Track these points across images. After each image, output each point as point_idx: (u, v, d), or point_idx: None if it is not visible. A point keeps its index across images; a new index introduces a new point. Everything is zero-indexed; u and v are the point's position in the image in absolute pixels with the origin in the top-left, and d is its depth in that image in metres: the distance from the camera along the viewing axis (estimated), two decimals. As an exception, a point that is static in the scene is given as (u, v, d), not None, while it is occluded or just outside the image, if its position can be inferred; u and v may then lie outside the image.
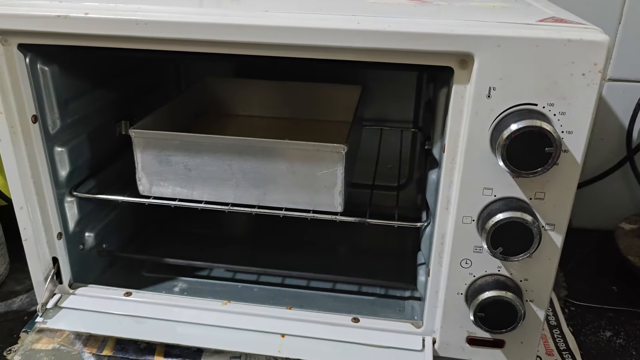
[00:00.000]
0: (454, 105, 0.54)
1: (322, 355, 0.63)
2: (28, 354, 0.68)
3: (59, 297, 0.70)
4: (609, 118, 0.92)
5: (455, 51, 0.51)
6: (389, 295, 0.71)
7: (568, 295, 0.82)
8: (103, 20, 0.54)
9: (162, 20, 0.53)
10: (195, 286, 0.75)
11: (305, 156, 0.64)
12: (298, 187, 0.65)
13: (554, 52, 0.49)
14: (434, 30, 0.50)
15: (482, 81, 0.51)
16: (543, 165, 0.51)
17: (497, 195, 0.56)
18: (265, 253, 0.79)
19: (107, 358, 0.68)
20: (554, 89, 0.50)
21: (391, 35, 0.51)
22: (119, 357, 0.68)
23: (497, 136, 0.51)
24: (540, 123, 0.49)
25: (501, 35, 0.49)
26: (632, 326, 0.76)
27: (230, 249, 0.80)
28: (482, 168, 0.55)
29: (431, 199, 0.63)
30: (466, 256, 0.59)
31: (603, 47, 0.48)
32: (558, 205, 0.55)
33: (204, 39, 0.53)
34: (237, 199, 0.67)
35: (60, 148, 0.66)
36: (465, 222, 0.58)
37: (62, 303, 0.70)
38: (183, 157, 0.65)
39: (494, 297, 0.58)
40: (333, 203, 0.66)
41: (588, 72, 0.49)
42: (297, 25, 0.52)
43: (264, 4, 0.58)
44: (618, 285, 0.84)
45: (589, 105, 0.51)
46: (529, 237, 0.54)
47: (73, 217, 0.70)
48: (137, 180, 0.68)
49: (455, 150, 0.56)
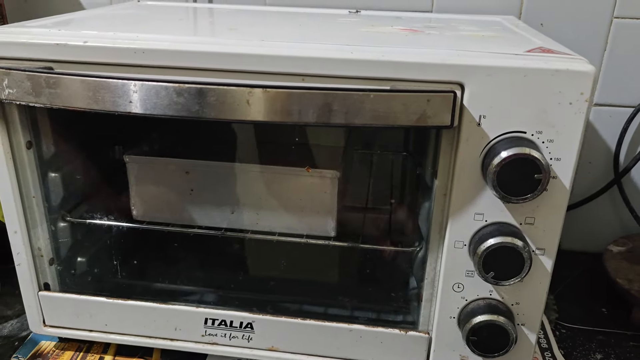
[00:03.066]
0: (446, 133, 0.55)
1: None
2: (18, 380, 0.68)
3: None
4: (596, 142, 0.94)
5: (446, 80, 0.52)
6: (383, 321, 0.72)
7: (559, 317, 0.82)
8: (102, 49, 0.55)
9: (161, 48, 0.54)
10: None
11: (299, 181, 0.64)
12: (292, 212, 0.66)
13: (542, 81, 0.50)
14: (426, 60, 0.52)
15: (473, 109, 0.52)
16: (533, 192, 0.52)
17: (488, 220, 0.57)
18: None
19: (99, 384, 0.68)
20: (542, 117, 0.52)
21: (385, 64, 0.52)
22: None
23: (488, 163, 0.52)
24: (529, 150, 0.51)
25: (491, 65, 0.51)
26: (621, 348, 0.77)
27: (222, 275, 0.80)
28: (473, 194, 0.56)
29: (423, 223, 0.64)
30: (458, 280, 0.60)
31: (589, 77, 0.50)
32: (548, 230, 0.56)
33: (201, 67, 0.54)
34: (231, 223, 0.68)
35: (54, 174, 0.67)
36: (457, 247, 0.58)
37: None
38: (177, 182, 0.66)
39: (486, 321, 0.58)
40: (326, 228, 0.67)
41: (575, 101, 0.51)
42: (293, 55, 0.53)
43: (261, 33, 0.59)
44: (607, 307, 0.85)
45: (576, 133, 0.52)
46: (520, 262, 0.55)
47: (66, 242, 0.70)
48: (130, 205, 0.69)
49: (446, 176, 0.57)
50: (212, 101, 0.50)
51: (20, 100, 0.54)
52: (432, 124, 0.51)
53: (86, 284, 0.74)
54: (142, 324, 0.69)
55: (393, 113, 0.50)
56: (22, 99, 0.54)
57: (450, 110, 0.51)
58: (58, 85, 0.52)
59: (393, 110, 0.50)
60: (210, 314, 0.67)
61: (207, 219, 0.67)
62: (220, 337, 0.68)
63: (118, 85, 0.51)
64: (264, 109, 0.50)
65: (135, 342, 0.70)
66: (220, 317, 0.67)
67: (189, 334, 0.68)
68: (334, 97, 0.50)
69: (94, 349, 0.73)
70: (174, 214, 0.68)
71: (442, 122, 0.51)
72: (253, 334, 0.67)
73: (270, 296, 0.71)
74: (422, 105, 0.50)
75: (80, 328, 0.71)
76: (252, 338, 0.67)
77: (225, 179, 0.65)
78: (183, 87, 0.50)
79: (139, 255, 0.75)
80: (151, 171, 0.66)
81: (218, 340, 0.68)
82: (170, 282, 0.74)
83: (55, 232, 0.69)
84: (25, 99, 0.54)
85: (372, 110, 0.50)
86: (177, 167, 0.65)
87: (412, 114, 0.50)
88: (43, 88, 0.53)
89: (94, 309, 0.69)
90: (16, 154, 0.62)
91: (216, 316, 0.67)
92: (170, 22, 0.67)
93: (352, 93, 0.50)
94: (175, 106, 0.50)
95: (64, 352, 0.73)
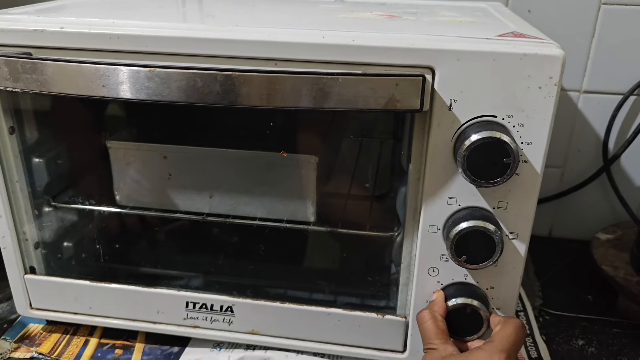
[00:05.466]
0: (418, 117, 0.55)
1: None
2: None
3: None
4: (585, 130, 0.93)
5: (416, 64, 0.52)
6: (361, 306, 0.72)
7: (543, 304, 0.83)
8: (78, 34, 0.56)
9: (135, 34, 0.55)
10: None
11: (277, 166, 0.65)
12: (271, 197, 0.67)
13: (510, 65, 0.50)
14: (395, 45, 0.52)
15: (444, 93, 0.53)
16: (502, 175, 0.52)
17: (462, 204, 0.57)
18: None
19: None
20: (512, 101, 0.52)
21: (354, 49, 0.52)
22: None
23: (459, 147, 0.53)
24: (499, 134, 0.51)
25: (460, 50, 0.51)
26: (604, 335, 0.77)
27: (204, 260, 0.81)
28: (446, 178, 0.56)
29: (400, 209, 0.64)
30: (433, 265, 0.60)
31: (558, 61, 0.50)
32: (520, 214, 0.56)
33: (174, 52, 0.55)
34: (212, 208, 0.68)
35: (38, 159, 0.68)
36: (431, 231, 0.59)
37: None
38: (159, 167, 0.67)
39: (460, 304, 0.59)
40: (306, 213, 0.67)
41: (544, 85, 0.51)
42: (264, 40, 0.53)
43: (236, 19, 0.59)
44: (593, 294, 0.85)
45: (546, 117, 0.52)
46: (492, 246, 0.55)
47: (51, 227, 0.72)
48: (114, 190, 0.70)
49: (420, 160, 0.57)
50: (182, 85, 0.50)
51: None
52: (401, 107, 0.51)
53: (71, 268, 0.76)
54: (126, 307, 0.70)
55: (362, 97, 0.50)
56: (1, 84, 0.55)
57: (420, 94, 0.51)
58: (34, 70, 0.53)
59: (362, 94, 0.50)
60: (191, 297, 0.68)
61: (188, 204, 0.68)
62: (201, 320, 0.69)
63: (92, 70, 0.52)
64: (234, 93, 0.50)
65: (118, 325, 0.71)
66: (201, 301, 0.68)
67: (171, 317, 0.70)
68: (303, 81, 0.50)
69: (80, 331, 0.74)
70: (155, 198, 0.69)
71: (411, 106, 0.52)
72: (233, 317, 0.68)
73: (250, 280, 0.72)
74: (391, 89, 0.50)
75: (65, 311, 0.72)
76: (233, 322, 0.68)
77: (203, 163, 0.65)
78: (153, 71, 0.50)
79: (123, 240, 0.76)
80: (132, 156, 0.67)
81: (199, 323, 0.69)
82: (152, 266, 0.76)
83: (40, 217, 0.70)
84: (3, 84, 0.55)
85: (340, 94, 0.50)
86: (155, 152, 0.66)
87: (380, 97, 0.50)
88: (20, 73, 0.54)
89: (78, 292, 0.70)
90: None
91: (197, 299, 0.68)
92: (150, 8, 0.68)
93: (321, 77, 0.50)
94: (146, 90, 0.51)
95: (50, 334, 0.74)
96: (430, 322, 0.58)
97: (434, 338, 0.56)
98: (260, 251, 0.72)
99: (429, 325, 0.57)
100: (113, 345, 0.72)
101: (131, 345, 0.72)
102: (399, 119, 0.64)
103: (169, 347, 0.71)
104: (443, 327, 0.57)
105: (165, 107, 0.53)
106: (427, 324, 0.57)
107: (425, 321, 0.58)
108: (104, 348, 0.72)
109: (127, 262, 0.77)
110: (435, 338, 0.56)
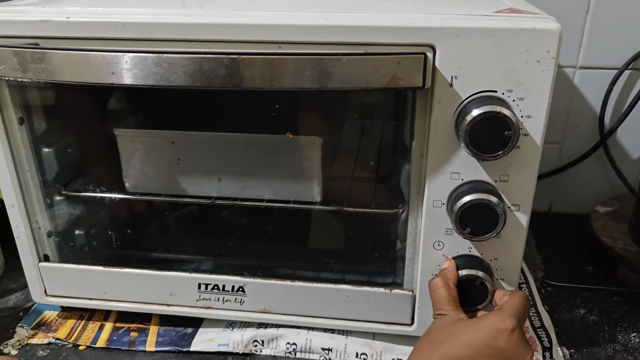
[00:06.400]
0: (420, 95, 0.57)
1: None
2: (24, 347, 0.71)
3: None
4: (582, 105, 0.95)
5: (417, 43, 0.53)
6: (369, 282, 0.74)
7: (545, 276, 0.85)
8: (84, 23, 0.57)
9: (140, 21, 0.56)
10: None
11: (283, 148, 0.67)
12: (277, 179, 0.68)
13: (508, 41, 0.52)
14: (396, 24, 0.53)
15: (444, 70, 0.54)
16: (504, 148, 0.53)
17: (464, 179, 0.59)
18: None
19: (101, 350, 0.71)
20: (511, 76, 0.53)
21: (357, 29, 0.54)
22: (112, 349, 0.71)
23: (461, 122, 0.54)
24: (499, 108, 0.52)
25: (459, 27, 0.52)
26: (605, 304, 0.79)
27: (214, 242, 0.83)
28: (448, 154, 0.58)
29: (404, 186, 0.66)
30: (438, 238, 0.62)
31: (555, 35, 0.51)
32: (521, 186, 0.58)
33: (179, 38, 0.56)
34: (220, 192, 0.70)
35: (47, 149, 0.69)
36: (435, 206, 0.60)
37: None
38: (168, 153, 0.68)
39: (466, 276, 0.61)
40: (312, 193, 0.69)
41: (542, 59, 0.52)
42: (268, 23, 0.55)
43: (237, 4, 0.60)
44: (593, 265, 0.87)
45: (545, 91, 0.54)
46: (495, 218, 0.57)
47: (63, 215, 0.73)
48: (123, 177, 0.71)
49: (423, 137, 0.58)
50: (189, 70, 0.52)
51: (7, 76, 0.56)
52: (404, 85, 0.53)
53: (84, 255, 0.77)
54: (139, 291, 0.72)
55: (365, 76, 0.52)
56: (10, 74, 0.56)
57: (422, 72, 0.52)
58: (42, 60, 0.54)
59: (364, 73, 0.52)
60: (203, 279, 0.70)
61: (196, 188, 0.70)
62: (214, 301, 0.71)
63: (99, 58, 0.53)
64: (240, 76, 0.52)
65: (133, 309, 0.73)
66: (212, 282, 0.69)
67: (184, 299, 0.71)
68: (307, 62, 0.51)
69: (95, 316, 0.76)
70: (164, 184, 0.70)
71: (413, 84, 0.53)
72: (245, 297, 0.70)
73: (260, 261, 0.74)
74: (393, 68, 0.52)
75: (80, 297, 0.74)
76: (245, 301, 0.70)
77: (210, 148, 0.67)
78: (161, 57, 0.51)
79: (134, 226, 0.78)
80: (140, 143, 0.68)
81: (212, 304, 0.71)
82: (164, 251, 0.77)
83: (51, 205, 0.72)
84: (12, 75, 0.56)
85: (343, 73, 0.51)
86: (163, 138, 0.67)
87: (383, 76, 0.52)
88: (29, 63, 0.55)
89: (92, 278, 0.72)
90: (9, 130, 0.65)
91: (209, 281, 0.70)
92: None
93: (324, 57, 0.51)
94: (154, 76, 0.52)
95: (66, 320, 0.76)
96: (443, 289, 0.59)
97: (445, 304, 0.58)
98: (268, 232, 0.74)
99: (441, 292, 0.59)
100: (128, 329, 0.74)
101: (146, 327, 0.74)
102: (400, 98, 0.65)
103: (182, 328, 0.73)
104: (455, 295, 0.59)
105: (171, 93, 0.54)
106: (440, 291, 0.59)
107: (438, 288, 0.59)
108: (119, 331, 0.74)
109: (139, 247, 0.79)
110: (447, 304, 0.58)
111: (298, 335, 0.71)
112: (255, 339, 0.71)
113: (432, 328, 0.57)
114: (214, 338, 0.71)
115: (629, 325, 0.74)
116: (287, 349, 0.70)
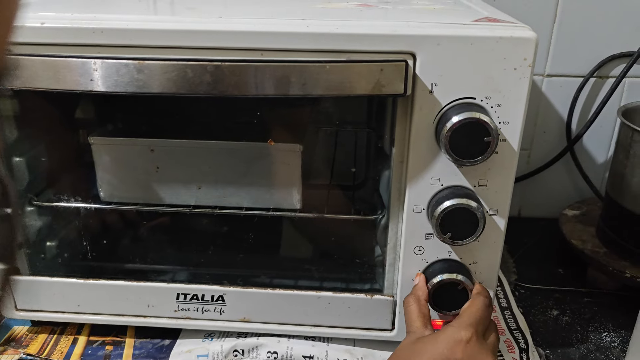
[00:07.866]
0: (400, 102, 0.57)
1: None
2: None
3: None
4: (549, 112, 0.98)
5: (398, 50, 0.54)
6: (349, 289, 0.75)
7: (518, 279, 0.87)
8: (61, 29, 0.56)
9: (119, 27, 0.55)
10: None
11: (263, 156, 0.66)
12: (257, 186, 0.68)
13: (487, 49, 0.53)
14: (377, 32, 0.54)
15: (425, 78, 0.55)
16: (483, 154, 0.55)
17: (444, 184, 0.60)
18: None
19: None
20: (489, 83, 0.55)
21: (339, 37, 0.54)
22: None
23: (441, 129, 0.55)
24: (478, 115, 0.54)
25: (439, 35, 0.53)
26: (577, 305, 0.81)
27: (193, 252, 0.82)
28: (428, 160, 0.59)
29: (384, 191, 0.66)
30: (419, 243, 0.63)
31: (531, 43, 0.53)
32: (500, 191, 0.59)
33: (160, 44, 0.55)
34: (199, 200, 0.69)
35: (19, 158, 0.67)
36: (416, 211, 0.61)
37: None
38: (145, 161, 0.67)
39: (446, 280, 0.61)
40: (292, 200, 0.69)
41: (519, 67, 0.54)
42: (251, 30, 0.54)
43: (218, 11, 0.60)
44: (563, 268, 0.90)
45: (521, 97, 0.55)
46: (475, 222, 0.58)
47: (34, 226, 0.71)
48: (97, 186, 0.69)
49: (403, 144, 0.59)
50: (172, 77, 0.51)
51: (-21, 83, 0.54)
52: (387, 92, 0.53)
53: (57, 267, 0.75)
54: (115, 303, 0.70)
55: (349, 83, 0.52)
56: (-18, 82, 0.54)
57: (403, 79, 0.53)
58: (17, 66, 0.53)
59: (349, 80, 0.52)
60: (182, 289, 0.68)
61: (175, 197, 0.69)
62: (192, 311, 0.70)
63: (79, 64, 0.52)
64: (224, 83, 0.51)
65: (108, 321, 0.71)
66: (192, 292, 0.68)
67: (161, 310, 0.70)
68: (292, 69, 0.51)
69: (67, 330, 0.74)
70: (141, 193, 0.69)
71: (395, 91, 0.54)
72: (225, 306, 0.69)
73: (240, 270, 0.73)
74: (376, 75, 0.52)
75: (53, 310, 0.71)
76: (224, 310, 0.69)
77: (190, 155, 0.66)
78: (143, 63, 0.51)
79: (109, 236, 0.76)
80: (116, 151, 0.67)
81: (191, 314, 0.70)
82: (141, 261, 0.76)
83: (22, 216, 0.69)
84: (-16, 82, 0.54)
85: (328, 80, 0.52)
86: (141, 146, 0.66)
87: (366, 83, 0.52)
88: (2, 70, 0.53)
89: (65, 290, 0.70)
90: (-21, 139, 0.62)
91: (188, 291, 0.68)
92: (130, 2, 0.68)
93: (309, 65, 0.52)
94: (136, 83, 0.51)
95: (37, 335, 0.74)
96: (414, 306, 0.60)
97: (415, 320, 0.59)
98: (248, 240, 0.73)
99: (412, 308, 0.60)
100: (103, 342, 0.72)
101: (121, 340, 0.72)
102: (379, 107, 0.66)
103: (160, 340, 0.72)
104: (425, 311, 0.60)
105: (149, 100, 0.53)
106: (410, 308, 0.60)
107: (410, 304, 0.61)
108: (93, 345, 0.72)
109: (115, 258, 0.77)
110: (417, 320, 0.59)
111: (279, 344, 0.70)
112: (235, 348, 0.70)
113: (399, 347, 0.59)
114: (192, 349, 0.70)
115: (600, 325, 0.77)
116: (268, 358, 0.69)
